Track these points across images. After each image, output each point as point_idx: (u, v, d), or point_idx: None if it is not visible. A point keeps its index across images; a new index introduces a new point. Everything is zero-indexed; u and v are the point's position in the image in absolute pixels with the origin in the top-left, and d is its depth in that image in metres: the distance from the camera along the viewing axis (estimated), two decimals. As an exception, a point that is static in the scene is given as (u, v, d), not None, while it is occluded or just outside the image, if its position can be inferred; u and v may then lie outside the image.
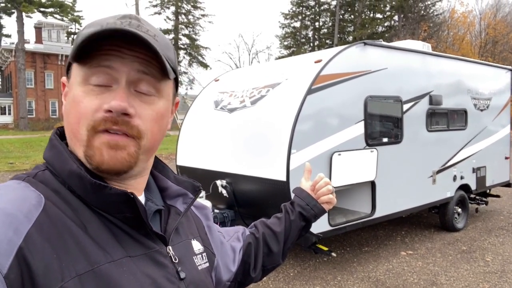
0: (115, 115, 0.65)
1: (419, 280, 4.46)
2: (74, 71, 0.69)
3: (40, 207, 0.61)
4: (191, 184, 0.87)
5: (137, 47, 0.66)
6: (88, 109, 0.66)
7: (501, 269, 4.76)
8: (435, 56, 5.98)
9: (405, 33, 30.20)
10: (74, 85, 0.68)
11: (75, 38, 0.71)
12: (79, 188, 0.67)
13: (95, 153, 0.66)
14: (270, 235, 1.13)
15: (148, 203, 0.78)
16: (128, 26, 0.66)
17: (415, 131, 5.44)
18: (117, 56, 0.66)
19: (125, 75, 0.66)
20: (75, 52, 0.64)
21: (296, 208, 1.18)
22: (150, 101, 0.69)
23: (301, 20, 40.48)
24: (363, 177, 4.66)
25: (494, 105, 7.04)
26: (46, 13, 35.21)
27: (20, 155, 15.88)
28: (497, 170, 7.12)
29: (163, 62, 0.66)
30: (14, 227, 0.57)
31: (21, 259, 0.56)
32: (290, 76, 4.61)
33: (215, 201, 4.83)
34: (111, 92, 0.66)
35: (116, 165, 0.67)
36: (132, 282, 0.65)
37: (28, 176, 0.68)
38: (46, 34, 38.43)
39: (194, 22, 38.90)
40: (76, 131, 0.67)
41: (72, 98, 0.68)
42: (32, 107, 35.45)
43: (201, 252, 0.87)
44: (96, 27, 0.66)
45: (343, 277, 4.54)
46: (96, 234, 0.65)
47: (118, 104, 0.64)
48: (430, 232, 6.26)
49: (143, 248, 0.70)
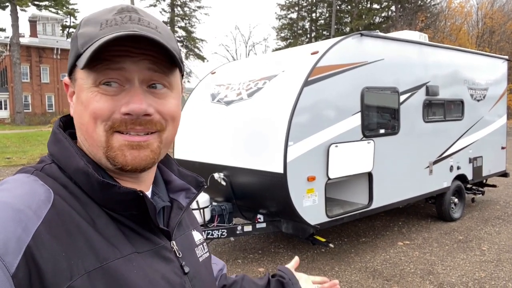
0: (135, 117, 0.65)
1: (416, 270, 4.50)
2: (81, 74, 0.67)
3: (49, 203, 0.61)
4: (194, 179, 0.86)
5: (144, 45, 0.65)
6: (104, 110, 0.65)
7: (497, 258, 4.80)
8: (431, 47, 5.97)
9: (402, 24, 30.09)
10: (83, 89, 0.66)
11: (75, 38, 0.68)
12: (86, 186, 0.66)
13: (117, 155, 0.66)
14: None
15: (155, 198, 0.78)
16: (130, 22, 0.66)
17: (412, 122, 5.45)
18: (126, 56, 0.65)
19: (137, 74, 0.66)
20: (88, 61, 0.62)
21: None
22: (164, 96, 0.70)
23: (297, 11, 40.26)
24: (360, 168, 4.68)
25: (491, 95, 7.05)
26: (41, 6, 34.87)
27: (17, 150, 15.82)
28: (494, 160, 7.15)
29: (174, 57, 0.67)
30: (23, 225, 0.57)
31: (29, 258, 0.55)
32: (286, 68, 4.59)
33: (213, 194, 4.84)
34: (126, 92, 0.66)
35: (140, 164, 0.68)
36: (142, 278, 0.65)
37: (36, 170, 0.67)
38: (41, 28, 38.09)
39: (190, 14, 38.56)
40: (92, 133, 0.66)
41: (85, 101, 0.66)
42: (28, 102, 35.26)
43: (201, 242, 0.87)
44: (95, 26, 0.66)
45: (340, 268, 4.58)
46: (105, 230, 0.65)
47: (137, 107, 0.65)
48: (427, 222, 6.31)
49: (150, 243, 0.70)
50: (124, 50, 0.64)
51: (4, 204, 0.58)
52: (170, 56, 0.66)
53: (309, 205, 4.18)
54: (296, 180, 4.06)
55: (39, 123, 31.42)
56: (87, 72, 0.65)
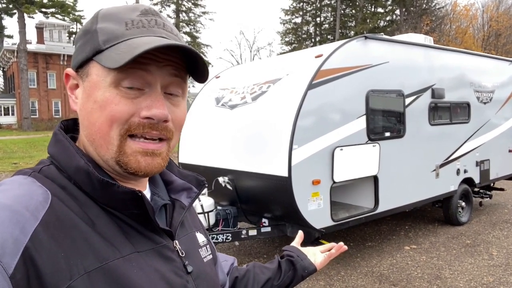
0: (155, 122, 0.66)
1: (423, 274, 4.44)
2: (98, 71, 0.65)
3: (47, 204, 0.60)
4: (195, 178, 0.86)
5: (170, 51, 0.66)
6: (123, 113, 0.64)
7: (505, 262, 4.73)
8: (437, 49, 5.94)
9: (407, 27, 30.04)
10: (100, 87, 0.65)
11: (94, 32, 0.67)
12: (86, 185, 0.66)
13: (130, 161, 0.66)
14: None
15: (155, 198, 0.78)
16: (157, 27, 0.67)
17: (418, 125, 5.41)
18: (153, 60, 0.65)
19: (160, 79, 0.66)
20: (124, 65, 0.61)
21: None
22: (178, 103, 0.71)
23: (302, 16, 40.34)
24: (365, 171, 4.64)
25: (498, 98, 6.99)
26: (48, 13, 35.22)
27: (24, 155, 15.94)
28: (501, 163, 7.07)
29: (205, 66, 0.69)
30: (21, 226, 0.56)
31: (27, 259, 0.55)
32: (290, 72, 4.59)
33: (217, 198, 4.83)
34: (146, 96, 0.66)
35: (153, 170, 0.68)
36: (141, 277, 0.64)
37: (33, 171, 0.67)
38: (47, 34, 38.49)
39: (195, 20, 38.80)
40: (105, 135, 0.66)
41: (100, 101, 0.65)
42: (35, 108, 35.55)
43: (205, 244, 0.88)
44: (119, 24, 0.66)
45: (346, 272, 4.54)
46: (104, 230, 0.64)
47: (160, 112, 0.65)
48: (434, 226, 6.24)
49: (151, 243, 0.70)
50: (151, 54, 0.64)
51: (1, 206, 0.57)
52: (195, 64, 0.69)
53: (314, 208, 4.15)
54: (301, 183, 4.04)
55: (46, 129, 31.68)
56: (108, 71, 0.64)
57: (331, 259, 1.20)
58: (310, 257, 1.15)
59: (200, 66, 0.69)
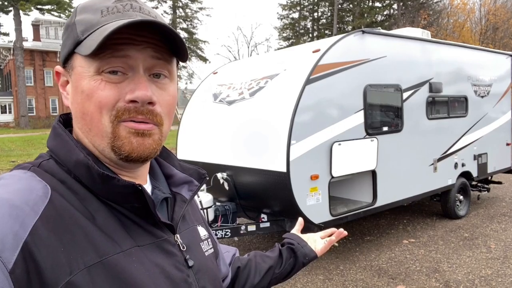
0: (140, 105, 0.65)
1: (421, 268, 4.47)
2: (81, 62, 0.66)
3: (47, 199, 0.60)
4: (196, 171, 0.86)
5: (147, 33, 0.65)
6: (109, 98, 0.64)
7: (503, 255, 4.76)
8: (434, 43, 5.93)
9: (405, 22, 29.97)
10: (85, 77, 0.65)
11: (73, 25, 0.68)
12: (86, 178, 0.65)
13: (124, 143, 0.66)
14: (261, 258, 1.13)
15: (155, 191, 0.78)
16: (132, 10, 0.66)
17: (415, 119, 5.42)
18: (130, 44, 0.64)
19: (141, 62, 0.66)
20: (96, 48, 0.61)
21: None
22: (165, 86, 0.70)
23: (299, 11, 40.20)
24: (363, 166, 4.65)
25: (495, 92, 7.00)
26: (44, 10, 35.02)
27: (22, 153, 15.90)
28: (499, 156, 7.10)
29: (184, 45, 0.67)
30: (21, 220, 0.56)
31: (27, 254, 0.55)
32: (288, 67, 4.58)
33: (216, 194, 4.83)
34: (129, 80, 0.65)
35: (144, 152, 0.67)
36: (141, 272, 0.64)
37: (33, 166, 0.67)
38: (44, 32, 38.28)
39: (192, 16, 38.65)
40: (98, 122, 0.66)
41: (87, 90, 0.65)
42: (32, 105, 35.44)
43: (206, 238, 0.88)
44: (95, 13, 0.66)
45: (345, 266, 4.56)
46: (105, 225, 0.64)
47: (143, 94, 0.65)
48: (432, 220, 6.27)
49: (152, 237, 0.70)
50: (127, 38, 0.64)
51: (1, 200, 0.57)
52: (174, 43, 0.67)
53: (312, 203, 4.16)
54: (299, 178, 4.04)
55: (44, 127, 31.60)
56: (89, 60, 0.65)
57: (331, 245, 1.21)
58: (311, 244, 1.16)
59: (177, 43, 0.67)
